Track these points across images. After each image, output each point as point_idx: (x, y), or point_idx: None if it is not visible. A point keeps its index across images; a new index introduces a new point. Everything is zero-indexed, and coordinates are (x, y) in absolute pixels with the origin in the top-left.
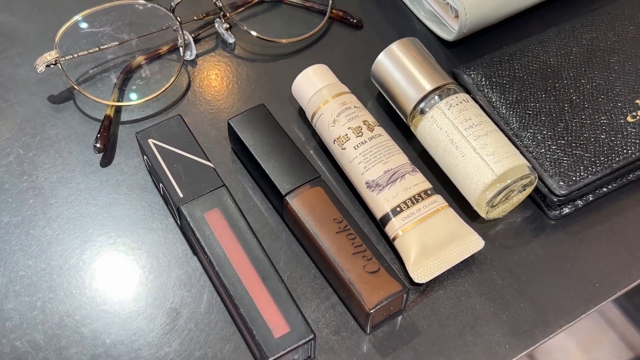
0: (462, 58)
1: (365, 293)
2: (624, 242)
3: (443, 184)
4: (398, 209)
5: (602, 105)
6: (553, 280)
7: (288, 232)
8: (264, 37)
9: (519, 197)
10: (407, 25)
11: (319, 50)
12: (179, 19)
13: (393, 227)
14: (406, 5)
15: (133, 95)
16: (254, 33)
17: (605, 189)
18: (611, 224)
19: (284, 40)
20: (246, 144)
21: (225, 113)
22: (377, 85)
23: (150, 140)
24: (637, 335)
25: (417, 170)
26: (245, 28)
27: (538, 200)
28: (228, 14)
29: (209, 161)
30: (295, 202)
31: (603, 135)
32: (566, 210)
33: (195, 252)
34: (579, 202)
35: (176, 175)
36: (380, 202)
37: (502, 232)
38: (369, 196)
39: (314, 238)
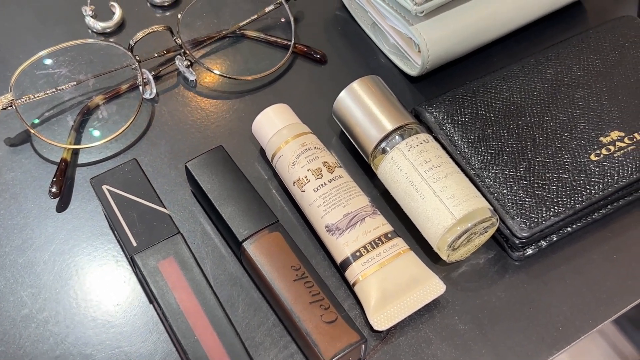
0: (427, 93)
1: (322, 344)
2: (588, 283)
3: (406, 225)
4: (358, 253)
5: (566, 143)
6: (515, 324)
7: (247, 278)
8: (227, 75)
9: (481, 239)
10: (372, 60)
11: (283, 86)
12: (138, 58)
13: (353, 272)
14: (371, 39)
15: (90, 137)
16: (216, 72)
17: (569, 229)
18: (575, 264)
19: (249, 77)
20: (203, 188)
21: (186, 153)
22: (338, 123)
23: (104, 187)
24: (628, 345)
25: (378, 212)
26: (205, 66)
27: (501, 241)
28: (188, 52)
29: (164, 207)
30: (252, 249)
31: (566, 174)
32: (529, 252)
33: (151, 301)
34: (543, 243)
35: (130, 223)
36: (340, 247)
37: (464, 275)
38: (329, 240)
39: (271, 286)
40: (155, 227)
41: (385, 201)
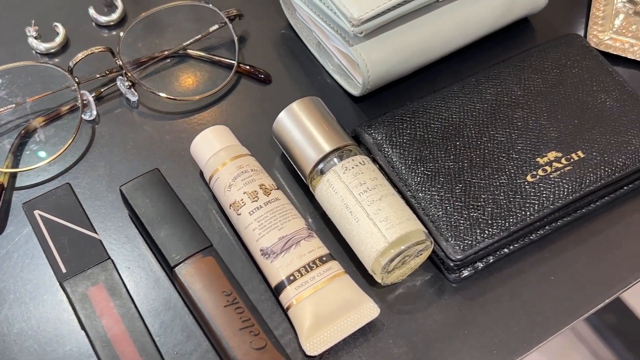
0: (371, 112)
1: None
2: (523, 305)
3: (344, 247)
4: (292, 277)
5: (503, 164)
6: (449, 347)
7: (182, 303)
8: (168, 96)
9: (416, 262)
10: (317, 79)
11: (227, 106)
12: (77, 79)
13: (287, 296)
14: (316, 59)
15: (28, 160)
16: (159, 93)
17: (506, 250)
18: (511, 286)
19: (190, 98)
20: (137, 212)
21: (124, 175)
22: (278, 144)
23: (36, 212)
24: (607, 352)
25: (314, 235)
26: (146, 87)
27: (438, 263)
28: (129, 73)
29: (96, 233)
30: (184, 274)
31: (501, 196)
32: (465, 273)
33: (82, 327)
34: (479, 264)
35: (60, 249)
36: (275, 270)
37: (401, 297)
38: (264, 264)
39: (202, 312)
40: (86, 253)
41: (324, 223)
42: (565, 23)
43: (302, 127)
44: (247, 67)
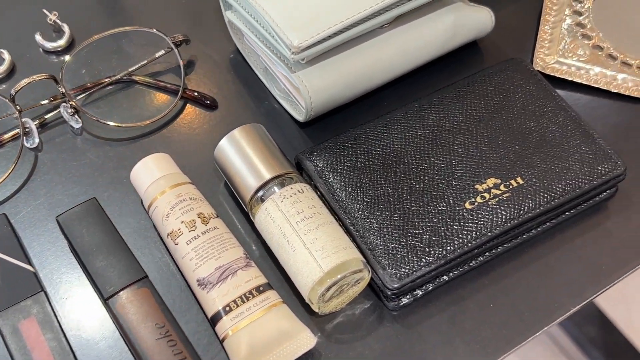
0: (317, 138)
1: None
2: (462, 332)
3: (285, 276)
4: (228, 307)
5: (442, 191)
6: None
7: (118, 334)
8: (111, 123)
9: (354, 290)
10: (264, 104)
11: (172, 132)
12: (19, 107)
13: (223, 327)
14: (264, 84)
15: None
16: (110, 123)
17: (446, 277)
18: (451, 313)
19: (133, 124)
20: (73, 242)
21: (65, 204)
22: (220, 171)
23: None
24: None
25: (252, 264)
26: (89, 114)
27: (377, 291)
28: (72, 101)
29: (30, 264)
30: (117, 306)
31: (440, 223)
32: (405, 301)
33: None
34: (419, 292)
35: None
36: (211, 301)
37: (340, 326)
38: (200, 294)
39: (134, 344)
40: (19, 286)
41: (267, 251)
42: (513, 46)
43: (242, 154)
44: (194, 93)
